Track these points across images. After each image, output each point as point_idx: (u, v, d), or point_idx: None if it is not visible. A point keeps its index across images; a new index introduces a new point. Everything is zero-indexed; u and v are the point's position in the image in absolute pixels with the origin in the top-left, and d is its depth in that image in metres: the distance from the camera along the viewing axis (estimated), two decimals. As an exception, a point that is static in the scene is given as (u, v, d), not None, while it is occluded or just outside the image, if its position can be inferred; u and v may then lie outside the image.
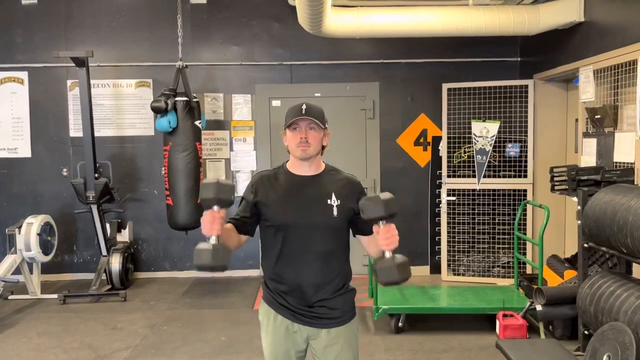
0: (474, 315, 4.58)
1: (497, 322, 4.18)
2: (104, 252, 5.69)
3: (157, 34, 6.12)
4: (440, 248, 6.12)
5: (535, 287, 4.00)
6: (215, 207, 1.98)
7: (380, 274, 1.99)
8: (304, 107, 2.15)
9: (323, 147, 2.21)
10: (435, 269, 6.24)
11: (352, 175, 2.27)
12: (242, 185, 6.19)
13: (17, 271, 5.32)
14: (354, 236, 2.26)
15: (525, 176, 5.76)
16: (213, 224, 1.96)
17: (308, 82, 6.18)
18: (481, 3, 5.30)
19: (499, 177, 5.83)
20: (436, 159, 6.20)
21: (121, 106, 6.20)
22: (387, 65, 6.14)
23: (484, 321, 4.54)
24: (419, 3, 5.29)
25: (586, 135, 4.55)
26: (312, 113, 2.14)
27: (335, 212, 2.14)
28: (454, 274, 6.06)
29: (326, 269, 2.15)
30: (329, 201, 2.15)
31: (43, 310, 5.16)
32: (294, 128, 2.15)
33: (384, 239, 1.96)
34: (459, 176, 5.97)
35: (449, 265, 6.07)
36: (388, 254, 1.98)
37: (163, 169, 5.65)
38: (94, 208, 5.52)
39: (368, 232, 2.15)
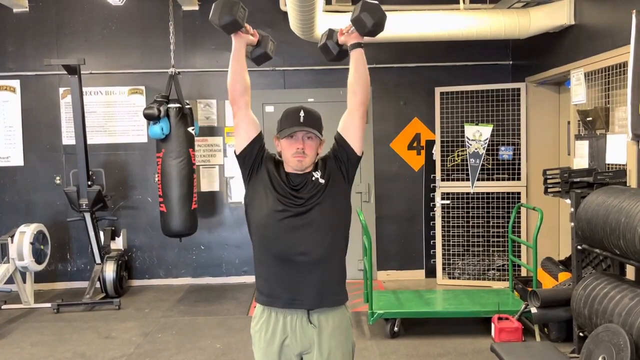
0: (470, 319, 4.58)
1: (493, 325, 4.18)
2: (98, 260, 5.66)
3: (149, 41, 6.11)
4: (435, 252, 6.12)
5: (529, 289, 4.00)
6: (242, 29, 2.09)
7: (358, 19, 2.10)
8: (302, 114, 2.11)
9: (317, 156, 2.18)
10: (431, 272, 6.23)
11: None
12: (236, 192, 6.19)
13: (10, 280, 5.28)
14: (355, 152, 2.17)
15: (519, 179, 5.77)
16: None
17: (301, 88, 6.19)
18: (472, 7, 5.32)
19: (493, 180, 5.84)
20: (430, 163, 6.21)
21: (114, 113, 6.19)
22: (380, 70, 6.15)
23: (479, 324, 4.54)
24: (410, 8, 5.30)
25: (578, 137, 4.56)
26: (311, 122, 2.11)
27: (321, 180, 2.12)
28: (449, 278, 6.06)
29: (326, 241, 2.09)
30: (313, 178, 2.13)
31: (36, 320, 5.12)
32: (290, 136, 2.11)
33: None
34: (452, 180, 5.98)
35: (444, 268, 6.07)
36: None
37: (156, 176, 5.64)
38: (87, 216, 5.50)
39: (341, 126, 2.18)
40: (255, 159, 2.17)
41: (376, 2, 2.15)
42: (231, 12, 2.06)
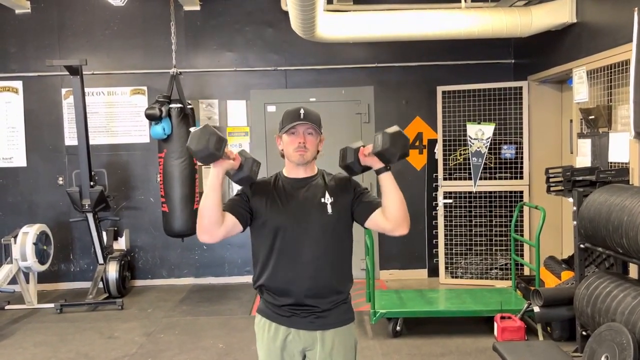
0: (472, 318, 4.57)
1: (495, 325, 4.17)
2: (101, 260, 5.67)
3: (151, 41, 6.12)
4: (437, 251, 6.11)
5: (532, 288, 3.99)
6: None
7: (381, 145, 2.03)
8: (302, 111, 2.14)
9: (317, 152, 2.20)
10: (433, 272, 6.22)
11: (340, 173, 2.26)
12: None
13: (14, 281, 5.30)
14: (363, 226, 2.18)
15: (521, 178, 5.76)
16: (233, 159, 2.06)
17: (303, 87, 6.18)
18: (474, 6, 5.31)
19: (495, 179, 5.83)
20: (432, 162, 6.20)
21: (116, 114, 6.20)
22: (382, 69, 6.14)
23: (482, 324, 4.53)
24: (412, 7, 5.30)
25: (581, 136, 4.55)
26: (311, 118, 2.14)
27: (329, 210, 2.13)
28: (452, 277, 6.05)
29: (322, 270, 2.11)
30: (322, 200, 2.15)
31: (39, 320, 5.13)
32: (292, 132, 2.14)
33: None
34: (455, 179, 5.97)
35: (446, 268, 6.06)
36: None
37: (158, 176, 5.64)
38: (90, 216, 5.51)
39: (371, 210, 2.14)
40: (250, 215, 2.16)
41: (397, 128, 2.05)
42: (207, 146, 1.96)
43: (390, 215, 2.12)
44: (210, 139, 1.97)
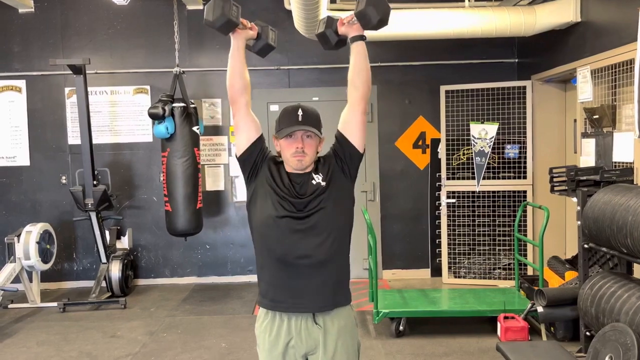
0: (475, 318, 4.56)
1: (499, 325, 4.16)
2: (104, 259, 5.68)
3: (154, 40, 6.12)
4: (440, 251, 6.10)
5: (536, 288, 3.98)
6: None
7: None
8: (300, 113, 2.08)
9: (317, 154, 2.16)
10: (436, 271, 6.21)
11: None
12: (241, 191, 6.18)
13: (17, 280, 5.31)
14: (357, 149, 2.17)
15: (525, 177, 5.74)
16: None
17: (306, 87, 6.18)
18: (477, 5, 5.30)
19: (499, 178, 5.82)
20: (435, 162, 6.18)
21: (119, 113, 6.20)
22: (385, 69, 6.13)
23: (485, 324, 4.52)
24: (415, 6, 5.29)
25: (585, 135, 4.53)
26: (310, 121, 2.08)
27: (323, 183, 2.09)
28: (455, 277, 6.04)
29: (328, 242, 2.05)
30: (314, 182, 2.10)
31: (43, 319, 5.14)
32: (289, 136, 2.08)
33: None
34: (458, 178, 5.96)
35: (449, 267, 6.05)
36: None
37: (161, 175, 5.64)
38: (93, 215, 5.51)
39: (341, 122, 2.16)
40: (255, 162, 2.14)
41: None
42: (224, 13, 1.99)
43: (361, 78, 2.12)
44: (224, 6, 1.98)
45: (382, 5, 2.06)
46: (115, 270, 5.61)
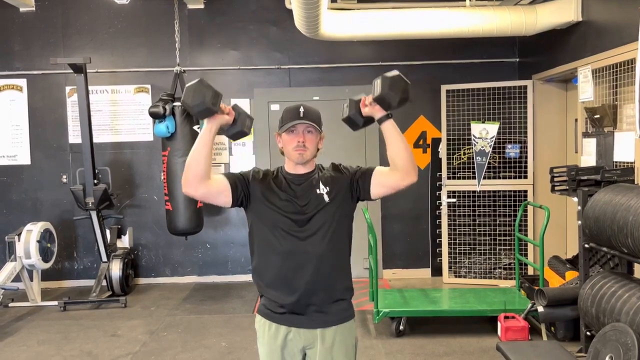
0: (476, 318, 4.55)
1: (499, 324, 4.16)
2: (104, 258, 5.68)
3: (155, 39, 6.12)
4: (441, 250, 6.10)
5: (536, 288, 3.98)
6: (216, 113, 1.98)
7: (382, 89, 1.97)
8: (301, 109, 2.13)
9: (317, 150, 2.19)
10: (437, 271, 6.21)
11: (332, 165, 2.25)
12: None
13: (17, 279, 5.31)
14: (371, 197, 2.16)
15: (526, 177, 5.74)
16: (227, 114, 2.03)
17: (306, 86, 6.17)
18: (478, 4, 5.29)
19: (499, 178, 5.81)
20: (436, 161, 6.18)
21: (120, 112, 6.20)
22: (386, 68, 6.06)
23: (485, 323, 4.51)
24: (416, 5, 5.28)
25: (586, 135, 4.53)
26: (310, 116, 2.13)
27: (326, 198, 2.12)
28: (455, 276, 6.03)
29: (322, 264, 2.09)
30: (318, 191, 2.13)
31: (43, 318, 5.14)
32: (291, 131, 2.13)
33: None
34: (459, 178, 5.95)
35: (450, 267, 6.05)
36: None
37: (162, 174, 5.64)
38: (94, 214, 5.51)
39: (369, 176, 2.14)
40: (244, 196, 2.13)
41: (396, 72, 2.01)
42: (204, 102, 1.92)
43: (399, 162, 2.09)
44: (206, 93, 1.94)
45: (400, 85, 1.98)
46: (116, 269, 5.62)
